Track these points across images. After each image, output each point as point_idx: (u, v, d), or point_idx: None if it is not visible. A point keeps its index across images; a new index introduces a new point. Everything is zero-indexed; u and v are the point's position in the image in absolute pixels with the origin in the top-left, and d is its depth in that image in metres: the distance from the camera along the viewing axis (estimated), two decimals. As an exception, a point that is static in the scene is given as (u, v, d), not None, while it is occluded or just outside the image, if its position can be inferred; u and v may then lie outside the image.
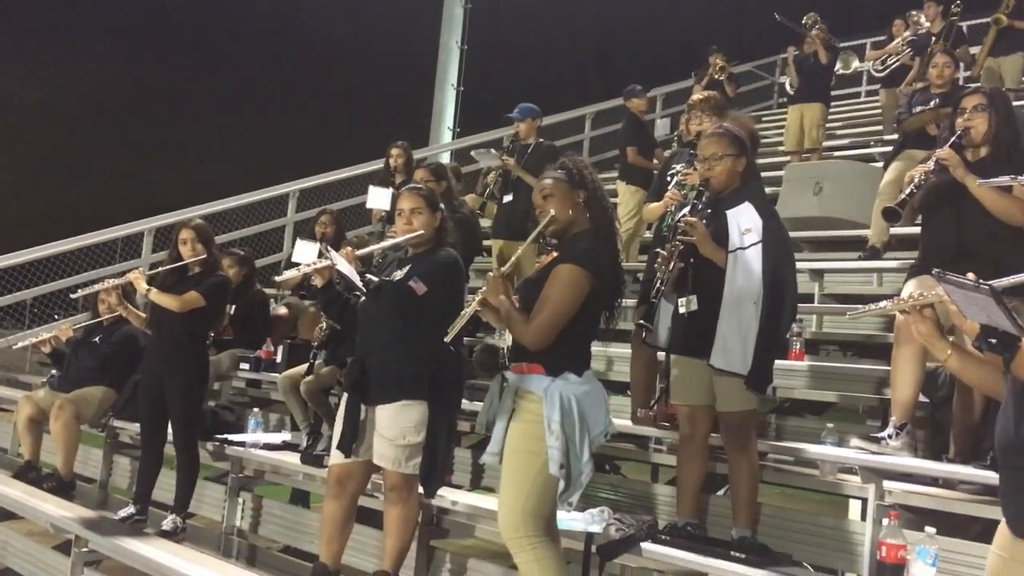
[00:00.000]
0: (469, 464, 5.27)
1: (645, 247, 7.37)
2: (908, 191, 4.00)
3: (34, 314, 8.69)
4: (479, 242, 7.47)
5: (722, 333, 3.74)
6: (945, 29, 8.87)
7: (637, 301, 4.80)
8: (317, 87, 21.07)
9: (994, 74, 8.97)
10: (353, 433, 3.97)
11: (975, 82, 8.43)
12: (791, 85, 9.74)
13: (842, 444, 4.20)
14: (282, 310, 7.16)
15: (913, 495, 3.82)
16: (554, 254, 3.50)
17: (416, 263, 4.03)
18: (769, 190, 6.24)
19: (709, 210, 3.96)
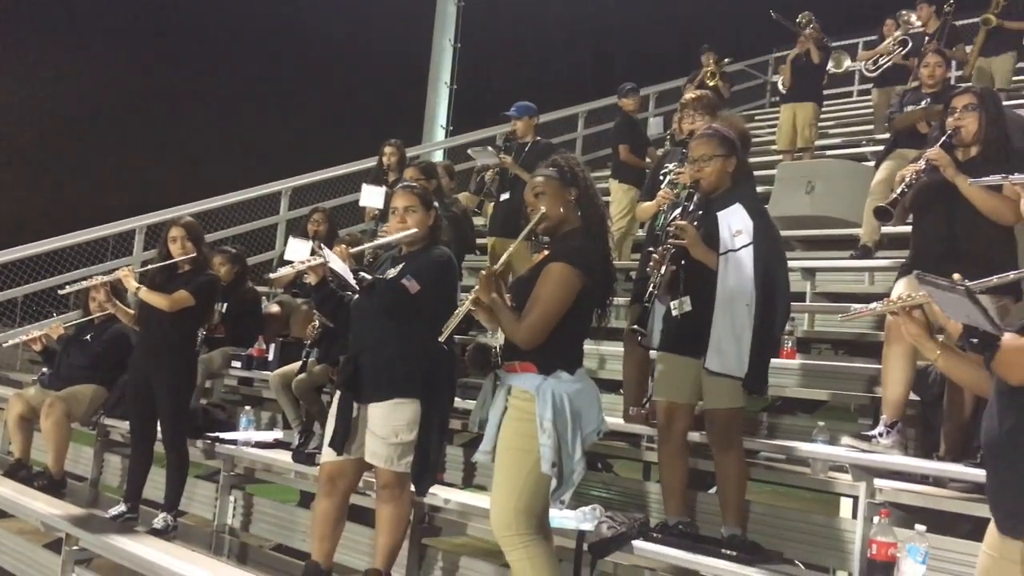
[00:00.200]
0: (461, 462, 5.27)
1: (638, 245, 7.38)
2: (899, 190, 4.01)
3: (25, 312, 8.67)
4: (472, 240, 7.46)
5: (716, 335, 3.73)
6: (939, 29, 8.88)
7: (630, 300, 4.81)
8: (310, 85, 21.04)
9: (985, 74, 8.99)
10: (346, 431, 3.97)
11: (966, 82, 8.45)
12: (783, 84, 9.75)
13: (833, 442, 4.21)
14: (274, 308, 7.14)
15: (904, 493, 3.82)
16: (545, 252, 3.49)
17: (410, 261, 4.02)
18: (761, 189, 6.25)
19: (700, 211, 3.96)
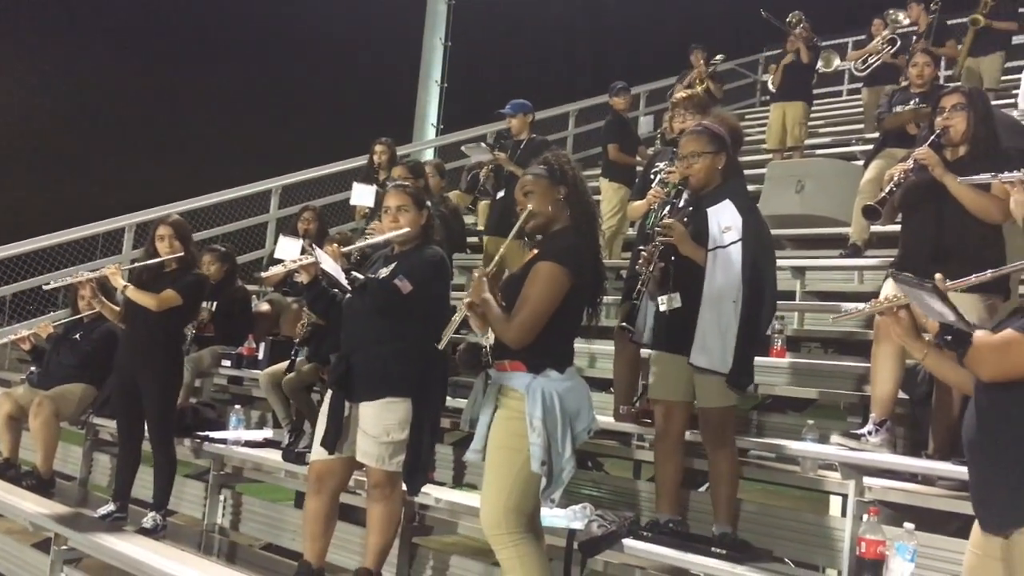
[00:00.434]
0: (451, 461, 5.27)
1: (629, 244, 7.38)
2: (888, 189, 4.02)
3: (13, 311, 8.62)
4: (462, 239, 7.46)
5: (702, 331, 3.74)
6: (928, 26, 8.91)
7: (620, 299, 4.82)
8: (301, 84, 20.99)
9: (974, 74, 9.02)
10: (337, 430, 3.96)
11: (955, 82, 8.48)
12: (773, 83, 9.77)
13: (823, 441, 4.22)
14: (264, 306, 7.12)
15: (892, 491, 3.83)
16: (535, 251, 3.49)
17: (402, 261, 4.02)
18: (751, 188, 6.27)
19: (691, 208, 3.96)
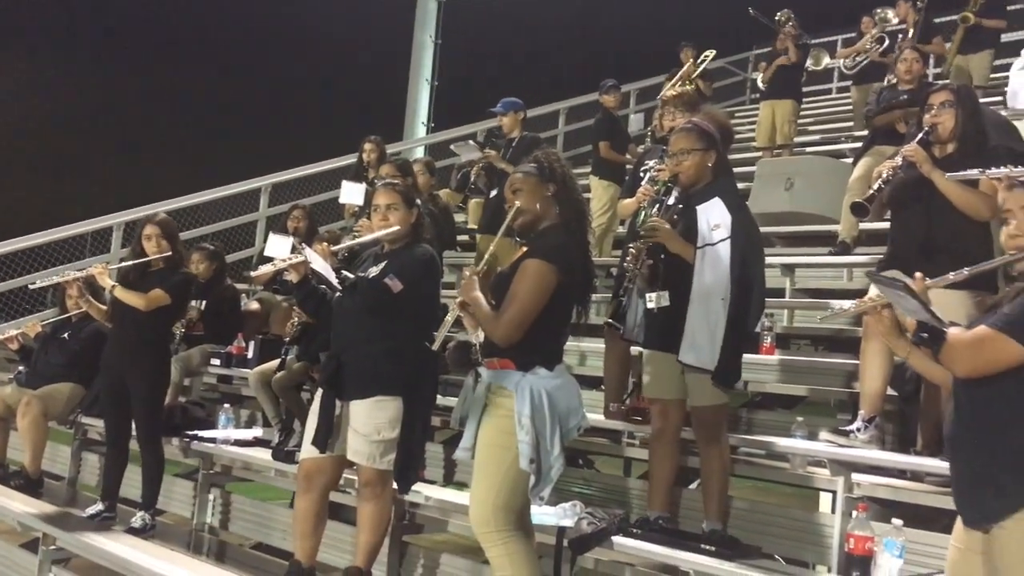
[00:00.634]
0: (442, 459, 5.26)
1: (619, 242, 7.39)
2: (876, 186, 4.03)
3: (0, 310, 8.56)
4: (451, 237, 7.46)
5: (690, 329, 3.75)
6: (916, 24, 8.93)
7: (611, 296, 4.82)
8: (290, 82, 20.91)
9: (963, 72, 9.03)
10: (328, 428, 3.95)
11: (944, 79, 8.50)
12: (763, 81, 9.78)
13: (812, 437, 4.22)
14: (254, 305, 7.10)
15: (881, 487, 3.85)
16: (524, 248, 3.49)
17: (392, 259, 4.00)
18: (741, 185, 6.27)
19: (680, 206, 3.97)
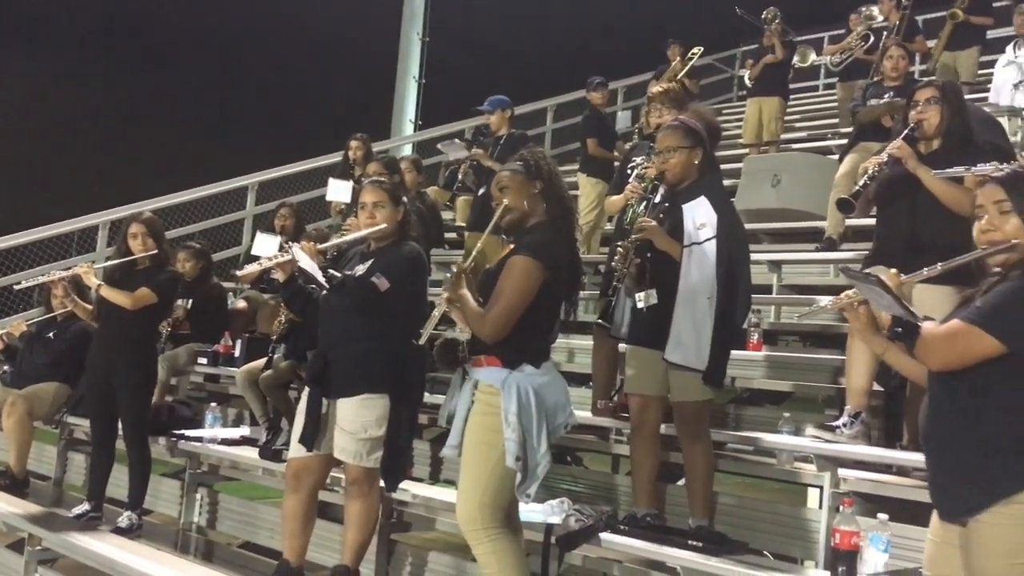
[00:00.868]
0: (429, 457, 5.26)
1: (607, 239, 7.39)
2: (862, 183, 4.03)
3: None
4: (439, 235, 7.45)
5: (676, 327, 3.75)
6: (899, 22, 8.95)
7: (599, 293, 4.82)
8: (277, 79, 20.84)
9: (949, 68, 9.07)
10: (315, 427, 3.94)
11: (930, 76, 8.54)
12: (749, 79, 9.80)
13: (798, 433, 4.24)
14: (241, 304, 7.08)
15: (867, 482, 3.87)
16: (512, 246, 3.49)
17: (379, 257, 4.00)
18: (728, 182, 6.29)
19: (667, 203, 3.97)
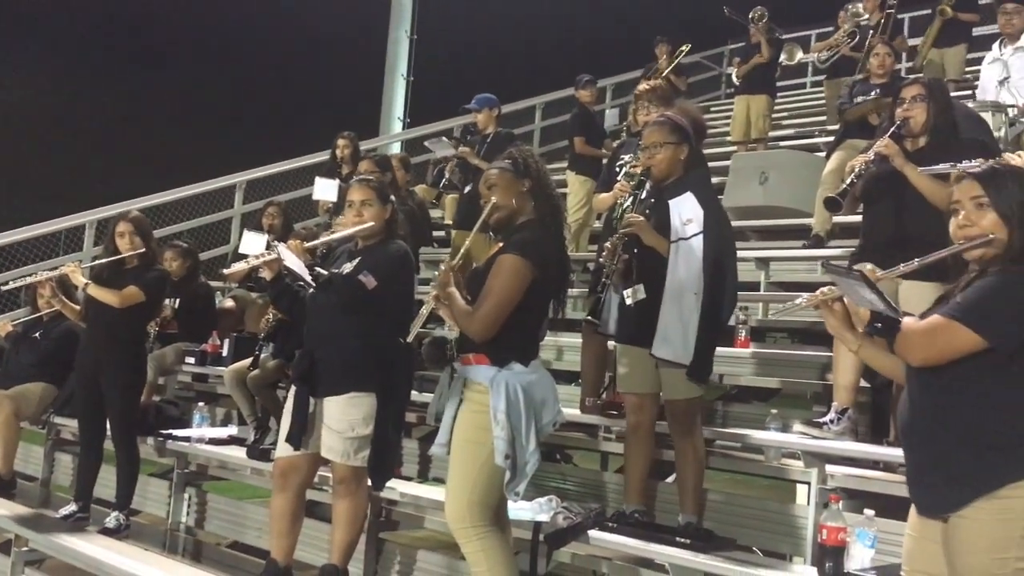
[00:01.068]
0: (418, 456, 5.25)
1: (595, 237, 7.39)
2: (849, 180, 4.04)
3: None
4: (428, 234, 7.44)
5: (663, 323, 3.76)
6: (883, 21, 8.97)
7: (588, 291, 4.82)
8: (265, 78, 20.77)
9: (935, 66, 9.09)
10: (302, 425, 3.93)
11: (916, 73, 8.56)
12: (737, 76, 9.82)
13: (786, 430, 4.25)
14: (229, 303, 7.05)
15: (854, 478, 3.88)
16: (500, 244, 3.49)
17: (366, 256, 3.99)
18: (716, 179, 6.29)
19: (653, 200, 3.98)
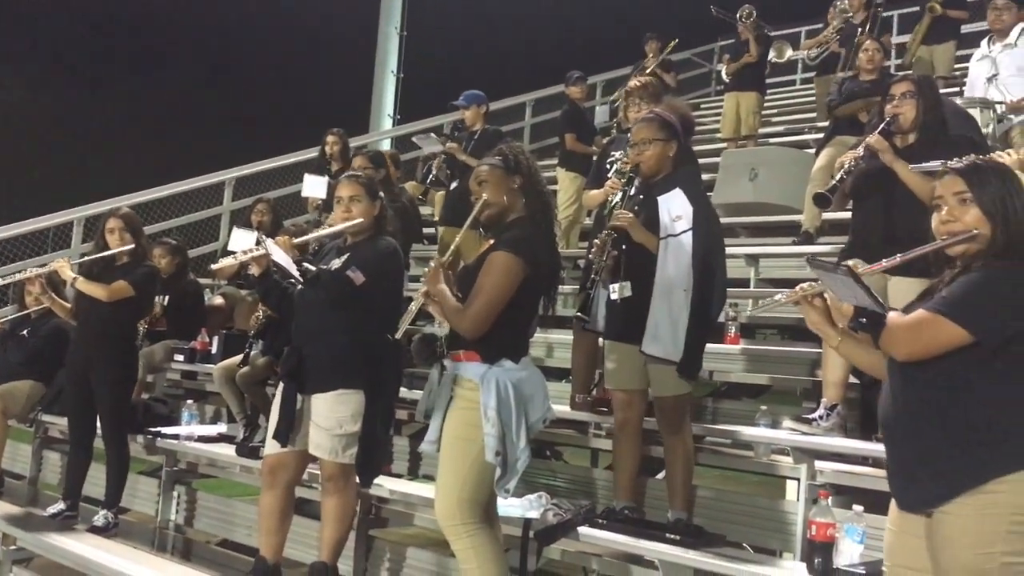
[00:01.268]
0: (408, 453, 5.25)
1: (586, 233, 7.39)
2: (838, 177, 4.05)
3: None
4: (418, 230, 7.42)
5: (653, 320, 3.77)
6: (868, 18, 8.99)
7: (578, 288, 4.83)
8: (254, 74, 20.69)
9: (925, 62, 9.12)
10: (289, 422, 3.92)
11: (906, 70, 8.58)
12: (727, 73, 9.83)
13: (776, 426, 4.26)
14: (218, 300, 7.03)
15: (843, 474, 3.89)
16: (491, 241, 3.48)
17: (355, 252, 3.98)
18: (706, 176, 6.30)
19: (641, 196, 3.98)
